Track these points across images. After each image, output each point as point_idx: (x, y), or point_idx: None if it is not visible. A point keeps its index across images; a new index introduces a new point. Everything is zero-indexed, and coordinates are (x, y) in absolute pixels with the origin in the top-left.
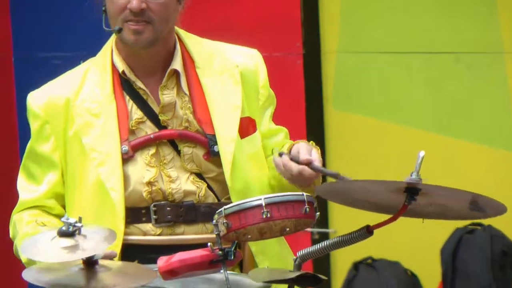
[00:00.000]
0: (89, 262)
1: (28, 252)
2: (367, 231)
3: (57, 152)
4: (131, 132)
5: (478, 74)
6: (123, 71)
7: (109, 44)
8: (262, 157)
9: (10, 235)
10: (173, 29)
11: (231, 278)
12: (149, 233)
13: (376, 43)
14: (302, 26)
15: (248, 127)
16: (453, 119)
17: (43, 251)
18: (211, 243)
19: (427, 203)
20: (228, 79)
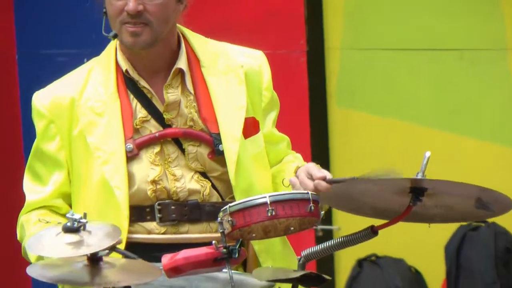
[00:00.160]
0: (94, 259)
1: (33, 248)
2: (372, 231)
3: (63, 152)
4: (136, 131)
5: (482, 71)
6: (127, 70)
7: (113, 43)
8: (265, 158)
9: (18, 237)
10: (175, 29)
11: (236, 277)
12: (154, 232)
13: (380, 40)
14: (306, 23)
15: (252, 128)
16: (457, 116)
17: (48, 247)
18: (216, 241)
19: (433, 205)
20: (233, 79)
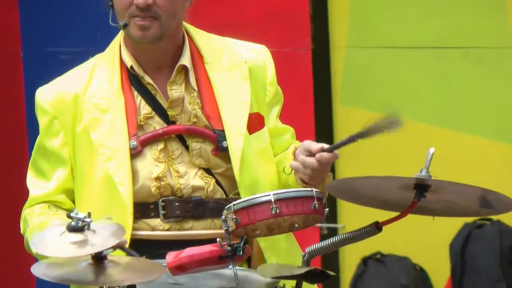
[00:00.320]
0: (98, 257)
1: (37, 247)
2: (376, 228)
3: (66, 148)
4: (140, 128)
5: (487, 69)
6: (131, 66)
7: (117, 40)
8: (271, 153)
9: (21, 231)
10: (181, 25)
11: (240, 274)
12: (158, 228)
13: (385, 38)
14: (311, 21)
15: (256, 123)
16: (462, 114)
17: (52, 246)
18: (220, 239)
19: (436, 200)
20: (237, 75)
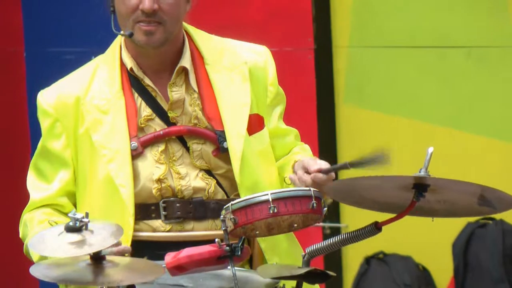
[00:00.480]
0: (97, 258)
1: (35, 248)
2: (376, 228)
3: (68, 150)
4: (140, 129)
5: (490, 68)
6: (131, 68)
7: (118, 41)
8: (271, 154)
9: (20, 235)
10: (182, 28)
11: (240, 274)
12: (159, 230)
13: (388, 38)
14: (314, 21)
15: (256, 124)
16: (465, 113)
17: (50, 246)
18: (219, 239)
19: (436, 200)
20: (237, 76)
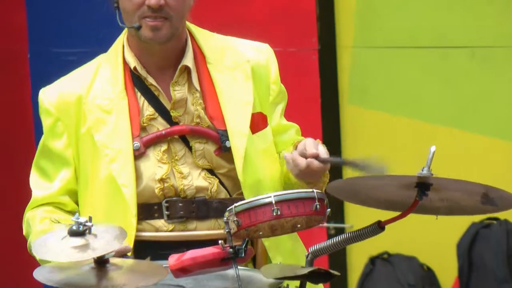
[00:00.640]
0: (100, 261)
1: (39, 251)
2: (379, 227)
3: (70, 149)
4: (143, 129)
5: (493, 68)
6: (135, 67)
7: (120, 40)
8: (274, 152)
9: (24, 232)
10: (185, 25)
11: (244, 274)
12: (161, 229)
13: (392, 38)
14: (318, 21)
15: (259, 123)
16: (468, 114)
17: (53, 251)
18: (222, 241)
19: (439, 199)
20: (240, 74)
